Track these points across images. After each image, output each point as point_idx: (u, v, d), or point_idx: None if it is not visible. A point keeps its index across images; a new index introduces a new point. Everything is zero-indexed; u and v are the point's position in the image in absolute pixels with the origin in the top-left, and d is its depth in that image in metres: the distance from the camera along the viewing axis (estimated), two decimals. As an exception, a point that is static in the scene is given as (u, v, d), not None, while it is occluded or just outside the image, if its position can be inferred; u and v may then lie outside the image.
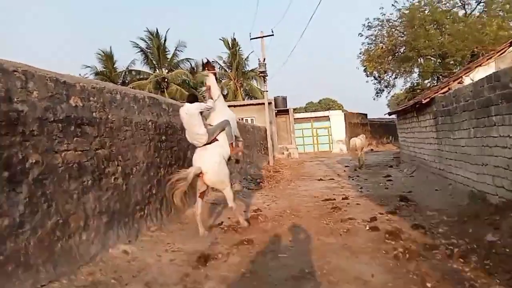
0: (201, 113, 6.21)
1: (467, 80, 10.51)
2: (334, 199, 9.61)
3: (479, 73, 10.44)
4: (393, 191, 10.74)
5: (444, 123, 9.97)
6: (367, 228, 6.46)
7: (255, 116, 25.96)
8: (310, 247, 5.52)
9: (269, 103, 27.30)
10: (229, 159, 6.70)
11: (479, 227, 5.48)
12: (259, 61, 20.83)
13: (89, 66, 33.65)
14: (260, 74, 21.33)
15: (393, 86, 30.47)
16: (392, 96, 37.95)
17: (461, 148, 8.82)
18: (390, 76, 29.60)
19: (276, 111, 27.63)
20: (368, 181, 13.30)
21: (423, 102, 10.95)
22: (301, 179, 14.63)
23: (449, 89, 10.58)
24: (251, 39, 21.24)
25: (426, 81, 29.55)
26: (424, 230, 6.15)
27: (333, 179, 14.38)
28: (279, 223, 7.16)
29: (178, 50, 35.31)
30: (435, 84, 27.56)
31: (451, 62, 22.58)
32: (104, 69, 34.16)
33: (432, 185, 10.94)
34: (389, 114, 18.93)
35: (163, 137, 6.65)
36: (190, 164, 8.02)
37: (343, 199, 9.64)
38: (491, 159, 7.02)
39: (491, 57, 10.58)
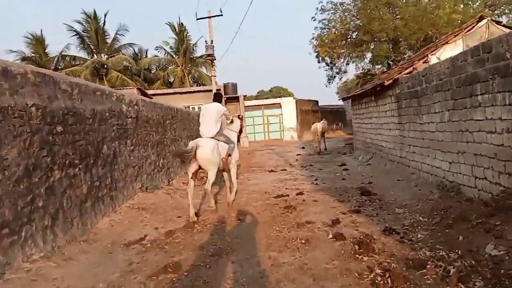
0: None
1: (433, 59, 9.53)
2: (288, 195, 8.31)
3: (446, 51, 9.50)
4: (351, 182, 9.63)
5: (409, 106, 8.91)
6: (330, 236, 5.13)
7: (203, 103, 24.16)
8: (259, 271, 4.08)
9: (218, 90, 25.66)
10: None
11: (471, 234, 4.30)
12: (206, 43, 19.05)
13: (14, 51, 30.10)
14: (207, 58, 19.49)
15: (345, 72, 29.95)
16: (344, 83, 37.52)
17: (429, 133, 7.77)
18: (342, 62, 28.96)
19: (225, 98, 25.96)
20: (322, 171, 12.16)
21: (385, 84, 9.85)
22: (250, 171, 13.23)
23: (413, 69, 9.55)
24: (197, 19, 19.40)
25: (377, 67, 29.19)
26: (399, 236, 4.94)
27: (285, 169, 13.12)
28: (220, 232, 5.69)
29: (119, 34, 32.57)
30: (386, 70, 27.15)
31: (404, 47, 21.99)
32: (33, 54, 30.72)
33: (393, 175, 9.94)
34: (343, 99, 18.02)
35: (59, 128, 4.88)
36: (106, 162, 6.36)
37: (297, 194, 8.36)
38: (471, 146, 5.94)
39: (457, 34, 9.65)
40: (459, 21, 19.06)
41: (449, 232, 4.62)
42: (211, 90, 21.90)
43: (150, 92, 24.42)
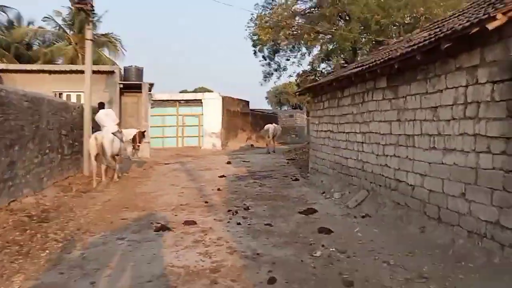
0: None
1: None
2: None
3: None
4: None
5: None
6: None
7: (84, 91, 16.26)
8: None
9: (112, 72, 17.90)
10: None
11: None
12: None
13: None
14: (76, 5, 11.60)
15: (284, 69, 24.02)
16: (287, 79, 31.33)
17: None
18: (282, 57, 23.01)
19: (122, 85, 18.21)
20: (276, 232, 5.51)
21: (490, 28, 3.44)
22: (118, 228, 6.07)
23: None
24: None
25: (322, 66, 23.60)
26: None
27: (194, 222, 6.13)
28: None
29: (-22, -11, 23.09)
30: (332, 70, 21.57)
31: (376, 30, 16.16)
32: None
33: (474, 273, 3.57)
34: (302, 91, 11.60)
35: None
36: None
37: None
38: None
39: None
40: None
41: None
42: (102, 72, 14.28)
43: (-2, 65, 15.97)
